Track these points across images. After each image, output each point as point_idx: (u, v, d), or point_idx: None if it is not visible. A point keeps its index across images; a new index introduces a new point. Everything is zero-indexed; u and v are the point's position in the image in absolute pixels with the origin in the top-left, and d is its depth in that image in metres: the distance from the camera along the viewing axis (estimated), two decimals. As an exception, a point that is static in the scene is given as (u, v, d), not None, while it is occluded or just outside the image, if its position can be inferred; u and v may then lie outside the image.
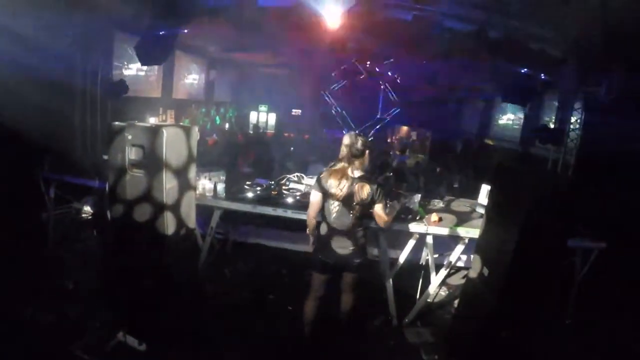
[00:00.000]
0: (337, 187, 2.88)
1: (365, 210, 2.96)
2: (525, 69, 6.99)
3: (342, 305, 3.33)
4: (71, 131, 6.24)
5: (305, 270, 4.64)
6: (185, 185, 3.12)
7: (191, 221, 3.31)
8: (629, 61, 5.27)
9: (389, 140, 14.68)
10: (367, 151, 2.94)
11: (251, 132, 13.40)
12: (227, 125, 13.09)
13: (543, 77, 6.94)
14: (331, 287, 3.25)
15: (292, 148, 10.73)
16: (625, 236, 4.44)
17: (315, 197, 3.00)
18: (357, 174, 2.93)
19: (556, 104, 5.84)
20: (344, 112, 13.08)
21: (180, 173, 3.01)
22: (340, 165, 2.93)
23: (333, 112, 13.32)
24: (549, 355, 3.61)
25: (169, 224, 2.89)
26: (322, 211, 3.04)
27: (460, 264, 4.58)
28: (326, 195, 2.95)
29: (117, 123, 2.93)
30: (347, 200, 2.90)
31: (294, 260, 4.95)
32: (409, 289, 4.27)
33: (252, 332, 3.59)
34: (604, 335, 3.98)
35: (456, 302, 4.37)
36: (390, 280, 3.91)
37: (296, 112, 15.26)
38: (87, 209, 5.61)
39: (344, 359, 3.40)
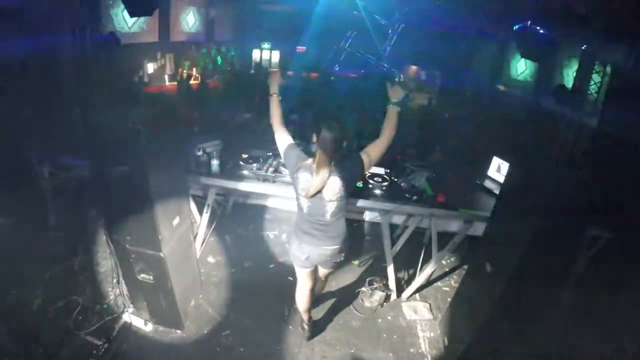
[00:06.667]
0: (311, 181, 2.56)
1: (343, 201, 2.66)
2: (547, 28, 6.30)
3: (316, 289, 3.30)
4: (60, 100, 5.48)
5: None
6: (174, 177, 3.01)
7: (185, 209, 3.25)
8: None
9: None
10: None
11: (253, 71, 12.87)
12: (229, 66, 12.56)
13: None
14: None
15: None
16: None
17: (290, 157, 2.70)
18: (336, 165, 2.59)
19: (574, 63, 5.27)
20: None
21: (166, 166, 2.87)
22: (320, 158, 2.55)
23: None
24: (551, 339, 3.61)
25: (159, 221, 2.81)
26: (297, 201, 2.75)
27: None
28: (298, 189, 2.66)
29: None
30: (320, 196, 2.59)
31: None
32: (409, 261, 4.28)
33: (254, 308, 3.66)
34: (608, 321, 3.88)
35: (455, 274, 4.38)
36: (391, 257, 3.90)
37: (301, 49, 14.44)
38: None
39: (340, 335, 3.47)
